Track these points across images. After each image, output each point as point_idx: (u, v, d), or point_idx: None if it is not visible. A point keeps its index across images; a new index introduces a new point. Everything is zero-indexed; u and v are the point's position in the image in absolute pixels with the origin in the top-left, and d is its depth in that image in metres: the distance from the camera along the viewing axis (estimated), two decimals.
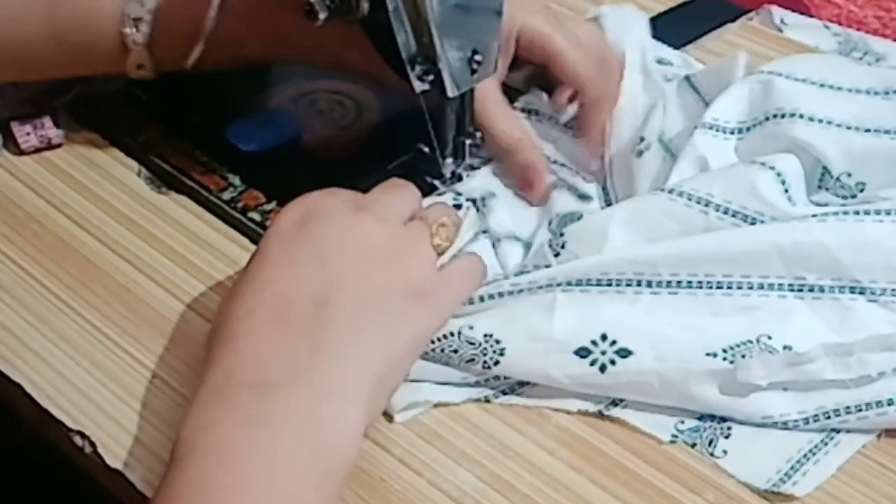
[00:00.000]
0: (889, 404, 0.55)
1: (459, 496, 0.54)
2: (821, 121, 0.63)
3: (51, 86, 0.74)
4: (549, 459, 0.56)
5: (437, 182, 0.68)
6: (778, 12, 0.87)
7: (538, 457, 0.56)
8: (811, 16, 0.89)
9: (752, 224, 0.59)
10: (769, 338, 0.57)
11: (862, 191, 0.63)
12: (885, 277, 0.58)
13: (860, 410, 0.56)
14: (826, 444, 0.56)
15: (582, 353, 0.57)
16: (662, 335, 0.57)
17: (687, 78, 0.70)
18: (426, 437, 0.57)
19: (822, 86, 0.65)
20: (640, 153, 0.67)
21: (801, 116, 0.63)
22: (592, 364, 0.57)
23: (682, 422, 0.57)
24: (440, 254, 0.58)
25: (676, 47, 0.79)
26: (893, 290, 0.58)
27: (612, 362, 0.57)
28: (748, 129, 0.66)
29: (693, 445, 0.56)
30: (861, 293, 0.58)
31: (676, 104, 0.69)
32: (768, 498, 0.54)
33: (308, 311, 0.53)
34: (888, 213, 0.58)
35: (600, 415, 0.57)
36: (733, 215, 0.60)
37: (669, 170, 0.64)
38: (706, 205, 0.60)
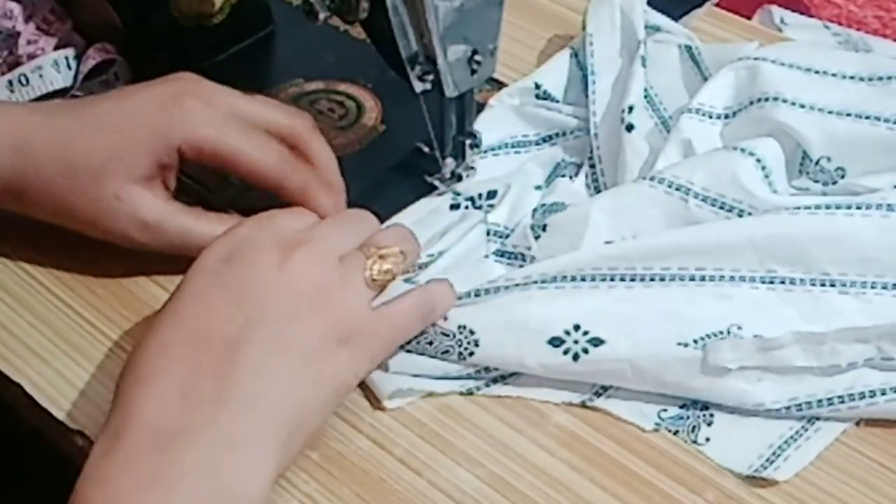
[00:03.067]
0: (860, 398, 0.56)
1: (459, 496, 0.54)
2: (803, 105, 0.64)
3: (47, 91, 0.74)
4: (549, 459, 0.56)
5: (436, 182, 0.68)
6: (778, 12, 0.87)
7: (538, 457, 0.56)
8: (811, 16, 0.89)
9: (730, 212, 0.60)
10: (739, 328, 0.57)
11: (843, 177, 0.63)
12: (855, 270, 0.58)
13: (832, 404, 0.56)
14: (807, 429, 0.56)
15: (555, 342, 0.57)
16: (635, 324, 0.57)
17: (688, 48, 0.71)
18: (426, 437, 0.57)
19: (807, 70, 0.66)
20: (629, 127, 0.66)
21: (784, 101, 0.64)
22: (566, 353, 0.57)
23: (665, 410, 0.57)
24: (382, 286, 0.56)
25: None
26: (863, 282, 0.59)
27: (585, 351, 0.57)
28: (734, 115, 0.66)
29: (676, 433, 0.57)
30: (832, 286, 0.59)
31: (676, 74, 0.70)
32: (767, 498, 0.54)
33: (220, 354, 0.50)
34: (859, 207, 0.58)
35: (583, 405, 0.58)
36: (712, 203, 0.60)
37: (659, 149, 0.65)
38: (686, 192, 0.61)
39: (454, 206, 0.68)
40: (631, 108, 0.67)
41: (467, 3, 0.62)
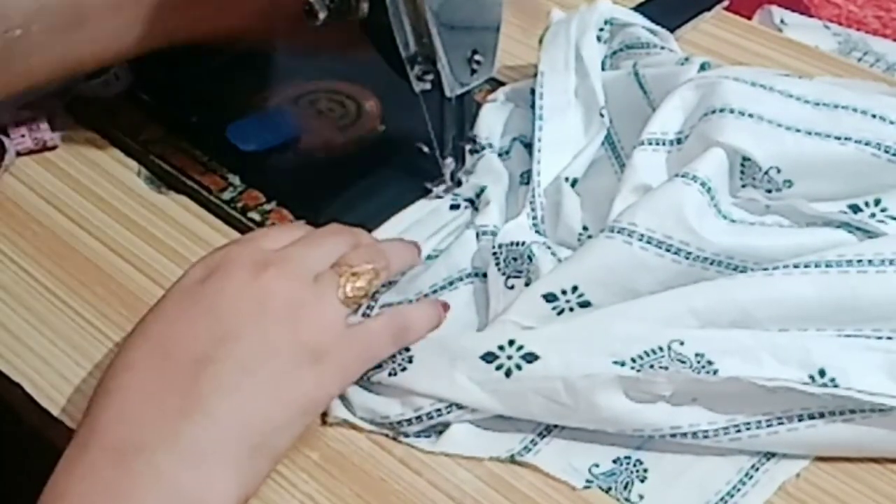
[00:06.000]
0: (799, 420, 0.54)
1: (459, 496, 0.54)
2: (751, 115, 0.62)
3: (49, 90, 0.74)
4: None
5: (434, 185, 0.68)
6: (778, 12, 0.87)
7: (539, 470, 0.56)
8: (811, 16, 0.89)
9: (677, 255, 0.58)
10: (681, 343, 0.55)
11: (790, 187, 0.62)
12: (796, 326, 0.56)
13: (770, 426, 0.54)
14: (745, 483, 0.54)
15: (488, 358, 0.56)
16: (570, 341, 0.56)
17: (636, 75, 0.69)
18: None
19: (753, 84, 0.64)
20: (573, 182, 0.66)
21: (732, 111, 0.62)
22: (498, 369, 0.55)
23: (597, 465, 0.55)
24: (355, 303, 0.56)
25: None
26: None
27: (518, 367, 0.55)
28: (686, 137, 0.64)
29: (608, 490, 0.54)
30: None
31: (625, 101, 0.68)
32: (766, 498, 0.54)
33: (188, 370, 0.51)
34: (797, 266, 0.56)
35: (511, 460, 0.56)
36: (657, 245, 0.58)
37: (615, 190, 0.63)
38: (629, 235, 0.58)
39: (454, 207, 0.68)
40: (575, 181, 0.66)
41: (467, 3, 0.62)
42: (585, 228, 0.64)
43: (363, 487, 0.55)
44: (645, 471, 0.55)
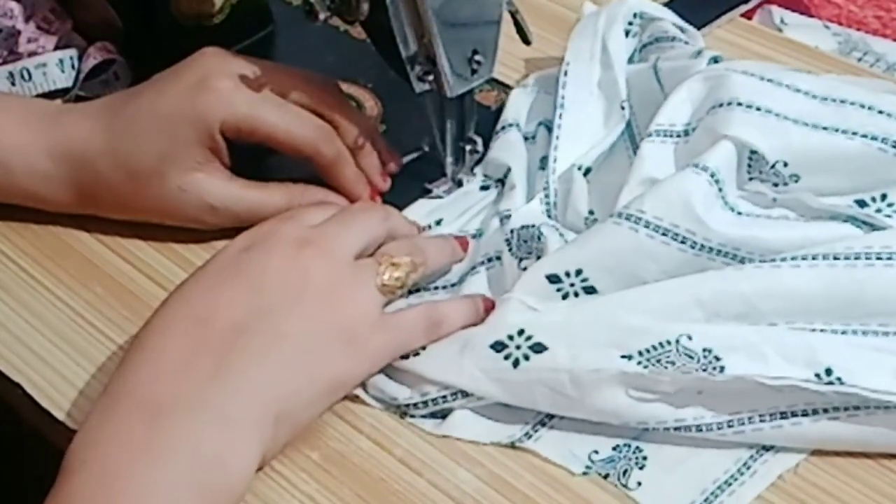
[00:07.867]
0: (803, 415, 0.54)
1: (459, 496, 0.54)
2: (759, 108, 0.62)
3: (49, 89, 0.74)
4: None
5: (435, 185, 0.68)
6: (778, 12, 0.87)
7: (538, 456, 0.56)
8: (811, 16, 0.89)
9: (683, 244, 0.58)
10: (689, 338, 0.55)
11: (797, 181, 0.62)
12: (802, 320, 0.56)
13: (774, 420, 0.55)
14: (743, 473, 0.54)
15: (497, 347, 0.56)
16: (578, 332, 0.56)
17: (655, 68, 0.69)
18: (426, 437, 0.57)
19: (761, 79, 0.64)
20: (586, 171, 0.66)
21: (740, 104, 0.62)
22: (506, 358, 0.56)
23: (596, 452, 0.55)
24: (391, 293, 0.57)
25: None
26: (812, 329, 0.56)
27: (526, 357, 0.55)
28: (694, 130, 0.64)
29: (606, 476, 0.55)
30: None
31: (639, 97, 0.69)
32: (766, 498, 0.54)
33: (223, 337, 0.52)
34: (804, 258, 0.57)
35: (512, 446, 0.56)
36: (664, 233, 0.58)
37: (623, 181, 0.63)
38: (636, 221, 0.58)
39: (484, 188, 0.69)
40: (588, 170, 0.66)
41: (467, 3, 0.62)
42: (591, 212, 0.64)
43: (363, 487, 0.55)
44: (644, 458, 0.55)
